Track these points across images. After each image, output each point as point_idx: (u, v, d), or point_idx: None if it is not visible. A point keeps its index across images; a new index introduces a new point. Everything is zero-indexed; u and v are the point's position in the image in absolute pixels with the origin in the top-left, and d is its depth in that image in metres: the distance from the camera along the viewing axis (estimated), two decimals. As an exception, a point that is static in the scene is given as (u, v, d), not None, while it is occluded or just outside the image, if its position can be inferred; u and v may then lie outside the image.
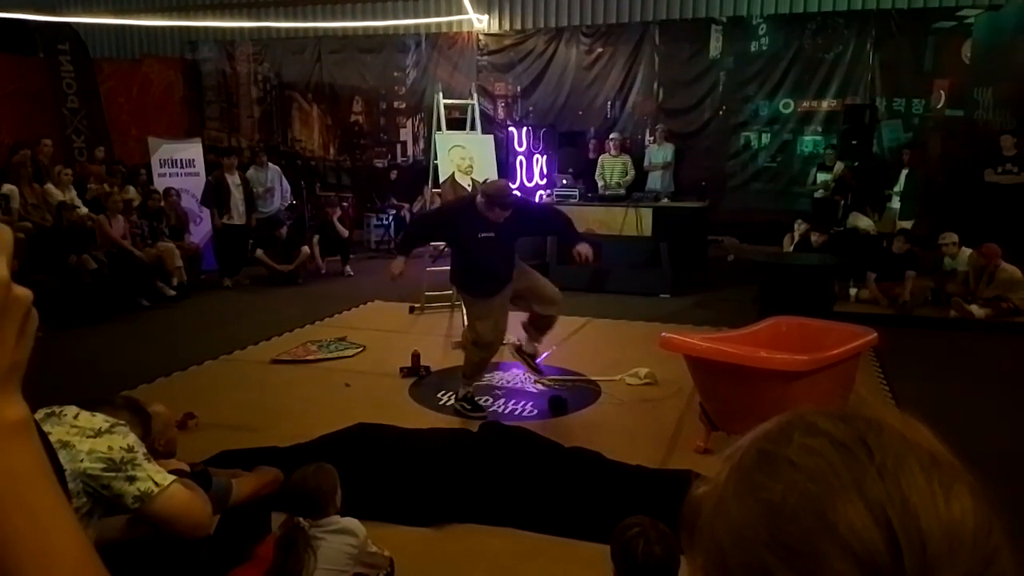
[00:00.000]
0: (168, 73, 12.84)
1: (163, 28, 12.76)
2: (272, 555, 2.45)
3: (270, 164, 9.86)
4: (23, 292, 0.50)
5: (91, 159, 10.28)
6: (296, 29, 12.57)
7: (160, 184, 9.55)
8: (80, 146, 10.95)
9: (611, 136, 10.58)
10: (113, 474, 1.81)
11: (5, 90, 11.24)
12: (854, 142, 9.44)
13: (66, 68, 11.26)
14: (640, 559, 1.97)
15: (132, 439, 1.88)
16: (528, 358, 4.99)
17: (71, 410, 1.89)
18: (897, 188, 9.27)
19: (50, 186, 8.28)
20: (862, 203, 9.24)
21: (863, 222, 8.93)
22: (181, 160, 10.16)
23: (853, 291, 7.60)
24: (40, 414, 1.84)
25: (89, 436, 1.82)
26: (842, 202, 9.29)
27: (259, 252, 9.20)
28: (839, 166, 9.45)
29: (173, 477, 1.94)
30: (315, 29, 12.53)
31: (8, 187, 7.70)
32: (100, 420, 1.88)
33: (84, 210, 8.21)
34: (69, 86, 11.27)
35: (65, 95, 11.22)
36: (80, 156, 10.67)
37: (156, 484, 1.86)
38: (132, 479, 1.83)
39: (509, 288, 4.60)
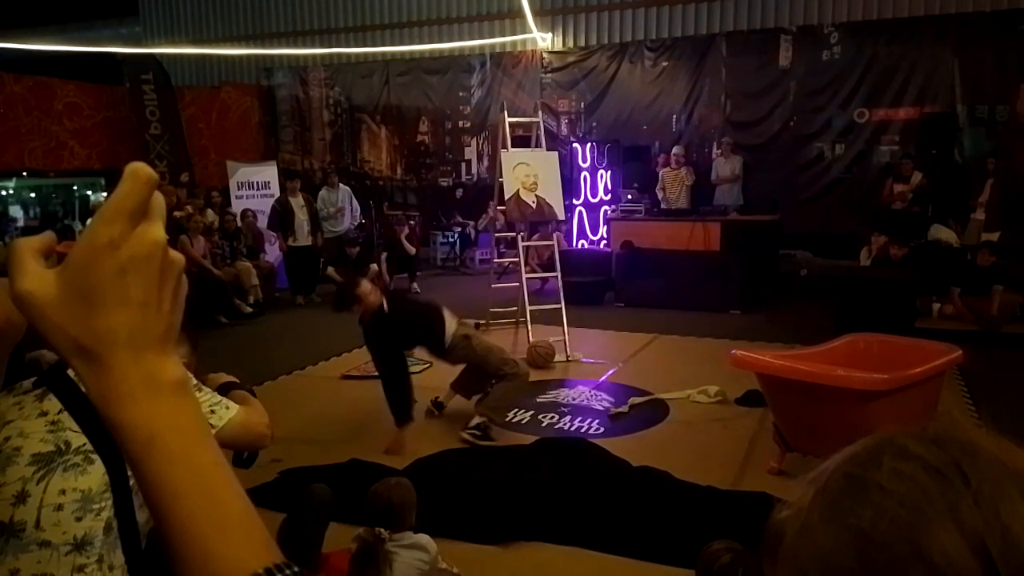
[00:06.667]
0: (245, 99, 13.40)
1: (240, 56, 13.34)
2: (345, 567, 2.48)
3: (341, 185, 10.14)
4: (177, 255, 0.52)
5: (174, 183, 10.78)
6: (365, 54, 12.94)
7: (237, 206, 9.93)
8: (163, 171, 11.51)
9: (674, 150, 10.48)
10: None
11: (94, 119, 11.94)
12: (934, 152, 9.09)
13: (149, 96, 11.88)
14: None
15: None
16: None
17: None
18: (981, 199, 8.87)
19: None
20: (944, 214, 8.86)
21: (945, 234, 8.56)
22: (257, 182, 10.56)
23: (936, 306, 7.29)
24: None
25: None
26: (922, 214, 8.93)
27: (330, 270, 9.44)
28: (917, 176, 9.10)
29: None
30: (383, 53, 12.87)
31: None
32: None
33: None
34: (152, 113, 11.87)
35: (148, 122, 11.83)
36: (163, 180, 11.23)
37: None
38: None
39: None
